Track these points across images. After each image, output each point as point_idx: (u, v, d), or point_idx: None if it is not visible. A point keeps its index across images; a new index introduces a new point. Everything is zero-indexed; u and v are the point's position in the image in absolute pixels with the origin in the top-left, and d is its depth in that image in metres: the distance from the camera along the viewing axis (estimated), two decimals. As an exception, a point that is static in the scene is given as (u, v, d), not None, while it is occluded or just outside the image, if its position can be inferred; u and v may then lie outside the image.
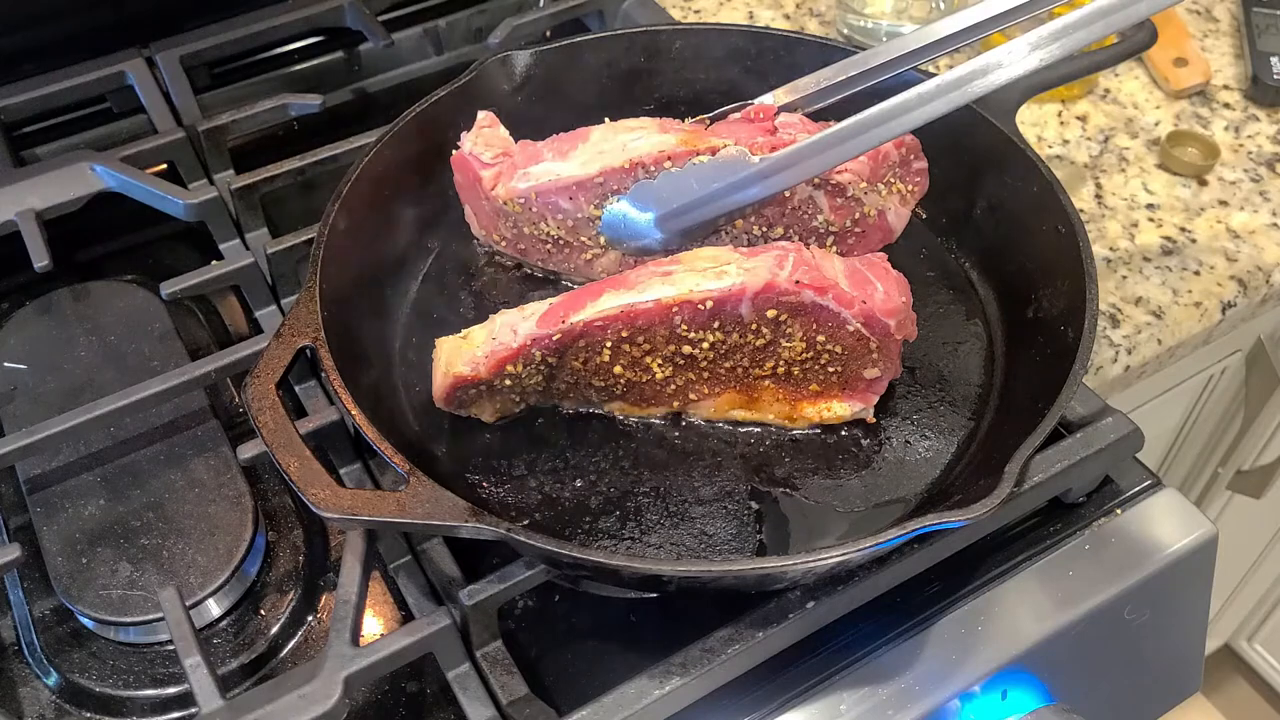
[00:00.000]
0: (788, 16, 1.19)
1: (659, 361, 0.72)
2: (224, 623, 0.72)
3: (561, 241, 0.81)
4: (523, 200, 0.79)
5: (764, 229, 0.78)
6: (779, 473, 0.73)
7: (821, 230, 0.78)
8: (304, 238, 0.83)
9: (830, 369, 0.72)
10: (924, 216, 0.87)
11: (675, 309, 0.69)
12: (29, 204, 0.87)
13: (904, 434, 0.75)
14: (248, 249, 0.89)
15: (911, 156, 0.80)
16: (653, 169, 0.76)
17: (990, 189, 0.83)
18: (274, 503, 0.78)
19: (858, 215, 0.78)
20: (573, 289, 0.74)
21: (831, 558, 0.59)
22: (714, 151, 0.75)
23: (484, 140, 0.81)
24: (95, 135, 1.02)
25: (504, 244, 0.84)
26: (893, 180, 0.79)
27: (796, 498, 0.72)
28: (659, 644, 0.65)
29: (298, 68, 1.08)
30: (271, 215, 0.92)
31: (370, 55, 1.09)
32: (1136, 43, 0.85)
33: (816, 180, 0.76)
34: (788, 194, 0.76)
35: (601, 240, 0.80)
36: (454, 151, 0.82)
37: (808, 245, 0.74)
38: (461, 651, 0.66)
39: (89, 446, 0.77)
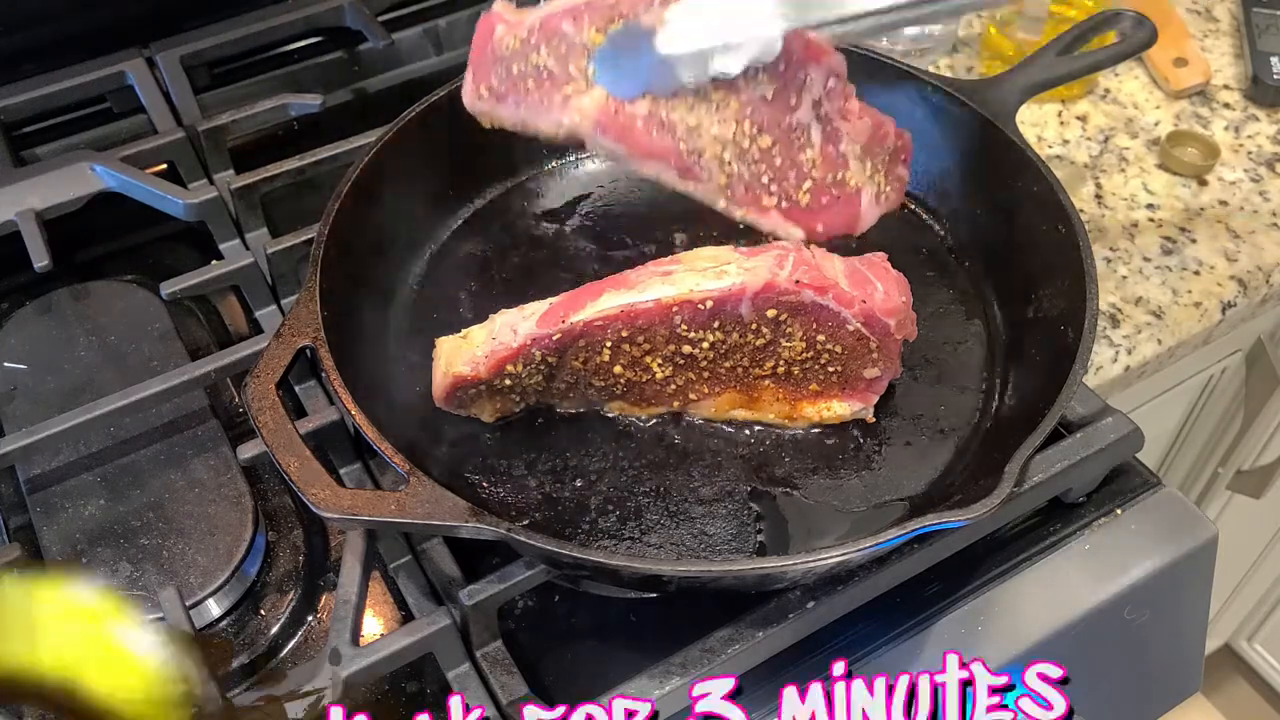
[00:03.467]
0: None
1: (659, 361, 0.72)
2: (224, 623, 0.72)
3: (545, 74, 0.76)
4: (526, 31, 0.76)
5: (753, 135, 0.75)
6: (779, 473, 0.73)
7: (805, 169, 0.76)
8: (304, 238, 0.83)
9: (830, 369, 0.72)
10: (925, 217, 0.87)
11: (675, 309, 0.69)
12: (29, 204, 0.87)
13: (904, 434, 0.75)
14: (248, 249, 0.89)
15: (902, 156, 0.79)
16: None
17: (990, 189, 0.83)
18: (274, 503, 0.78)
19: (839, 176, 0.76)
20: (572, 290, 0.74)
21: (831, 558, 0.60)
22: None
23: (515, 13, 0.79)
24: (95, 135, 1.02)
25: (486, 99, 0.79)
26: (878, 169, 0.78)
27: (796, 498, 0.72)
28: (659, 644, 0.65)
29: (298, 68, 1.08)
30: (271, 215, 0.92)
31: (370, 55, 1.09)
32: (1136, 42, 0.85)
33: (820, 111, 0.74)
34: (791, 101, 0.74)
35: (589, 72, 0.75)
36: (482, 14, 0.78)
37: (789, 196, 0.73)
38: (461, 651, 0.66)
39: (89, 446, 0.77)
